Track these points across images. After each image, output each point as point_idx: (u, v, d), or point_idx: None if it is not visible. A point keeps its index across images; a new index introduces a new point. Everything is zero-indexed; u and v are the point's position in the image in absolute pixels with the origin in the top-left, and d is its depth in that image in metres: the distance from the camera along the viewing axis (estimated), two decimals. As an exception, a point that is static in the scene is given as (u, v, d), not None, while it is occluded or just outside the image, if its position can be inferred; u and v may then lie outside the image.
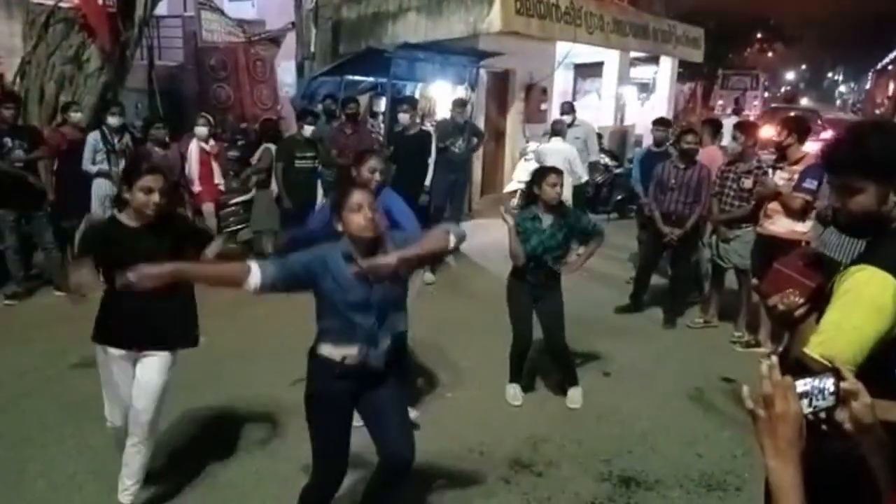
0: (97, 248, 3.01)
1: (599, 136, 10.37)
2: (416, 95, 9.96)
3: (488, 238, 8.41)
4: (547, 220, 4.19)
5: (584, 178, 8.94)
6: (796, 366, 1.66)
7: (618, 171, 10.63)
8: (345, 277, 2.54)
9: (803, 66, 68.05)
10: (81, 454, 3.68)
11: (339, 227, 2.60)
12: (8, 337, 5.29)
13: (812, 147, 5.11)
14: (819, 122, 19.16)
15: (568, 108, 9.37)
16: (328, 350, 2.64)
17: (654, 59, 15.97)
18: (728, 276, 5.75)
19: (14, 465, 3.56)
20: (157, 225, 2.95)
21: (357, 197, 2.56)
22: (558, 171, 4.31)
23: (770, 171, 5.16)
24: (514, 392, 4.46)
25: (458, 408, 4.22)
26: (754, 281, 2.71)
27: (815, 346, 1.69)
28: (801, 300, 1.95)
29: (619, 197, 10.37)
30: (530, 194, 4.36)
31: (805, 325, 1.91)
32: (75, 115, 6.66)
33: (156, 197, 2.87)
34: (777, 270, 2.10)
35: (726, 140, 7.74)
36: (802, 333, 1.87)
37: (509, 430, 4.04)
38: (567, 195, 6.27)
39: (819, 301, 1.86)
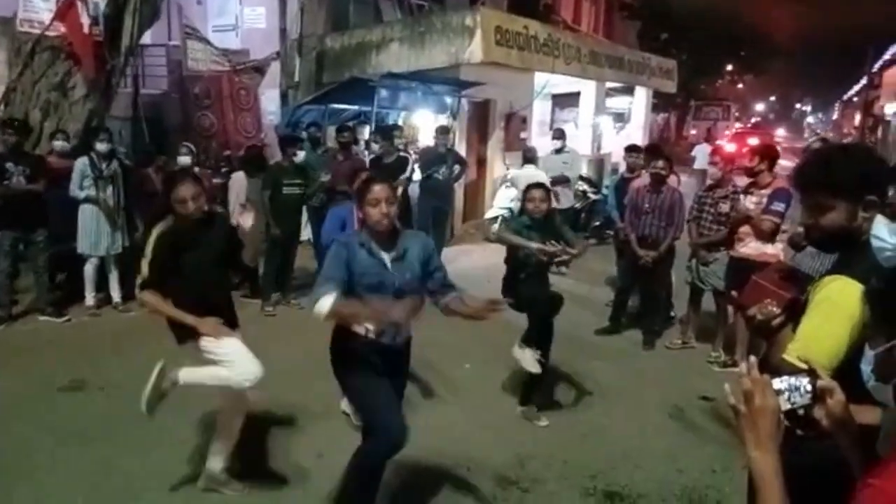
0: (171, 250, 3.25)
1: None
2: (400, 123, 10.14)
3: (469, 263, 8.55)
4: (537, 232, 4.29)
5: (566, 204, 9.14)
6: (774, 373, 1.78)
7: (595, 197, 10.86)
8: (359, 262, 2.85)
9: (773, 98, 69.83)
10: (71, 478, 3.65)
11: (360, 215, 2.94)
12: (-8, 362, 5.24)
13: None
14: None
15: (559, 134, 9.60)
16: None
17: (629, 90, 16.40)
18: (705, 298, 5.91)
19: (1, 492, 3.53)
20: (206, 220, 3.36)
21: (377, 191, 2.85)
22: (541, 186, 4.45)
23: (742, 195, 5.36)
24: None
25: (444, 425, 4.29)
26: (734, 293, 2.84)
27: (793, 352, 1.82)
28: (778, 310, 2.07)
29: (597, 223, 10.58)
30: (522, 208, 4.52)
31: (782, 334, 2.03)
32: (57, 144, 6.66)
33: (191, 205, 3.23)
34: (755, 283, 2.22)
35: (699, 163, 7.91)
36: (780, 343, 1.99)
37: (495, 447, 4.12)
38: None
39: (795, 311, 1.99)
